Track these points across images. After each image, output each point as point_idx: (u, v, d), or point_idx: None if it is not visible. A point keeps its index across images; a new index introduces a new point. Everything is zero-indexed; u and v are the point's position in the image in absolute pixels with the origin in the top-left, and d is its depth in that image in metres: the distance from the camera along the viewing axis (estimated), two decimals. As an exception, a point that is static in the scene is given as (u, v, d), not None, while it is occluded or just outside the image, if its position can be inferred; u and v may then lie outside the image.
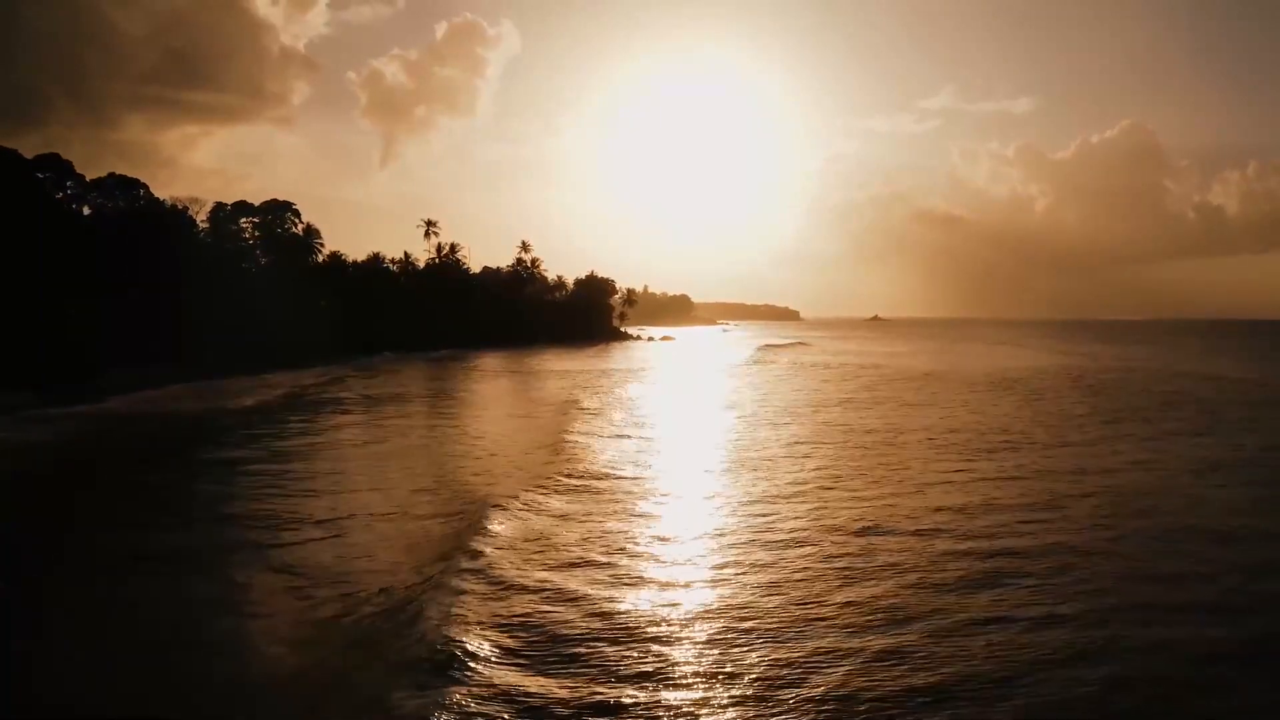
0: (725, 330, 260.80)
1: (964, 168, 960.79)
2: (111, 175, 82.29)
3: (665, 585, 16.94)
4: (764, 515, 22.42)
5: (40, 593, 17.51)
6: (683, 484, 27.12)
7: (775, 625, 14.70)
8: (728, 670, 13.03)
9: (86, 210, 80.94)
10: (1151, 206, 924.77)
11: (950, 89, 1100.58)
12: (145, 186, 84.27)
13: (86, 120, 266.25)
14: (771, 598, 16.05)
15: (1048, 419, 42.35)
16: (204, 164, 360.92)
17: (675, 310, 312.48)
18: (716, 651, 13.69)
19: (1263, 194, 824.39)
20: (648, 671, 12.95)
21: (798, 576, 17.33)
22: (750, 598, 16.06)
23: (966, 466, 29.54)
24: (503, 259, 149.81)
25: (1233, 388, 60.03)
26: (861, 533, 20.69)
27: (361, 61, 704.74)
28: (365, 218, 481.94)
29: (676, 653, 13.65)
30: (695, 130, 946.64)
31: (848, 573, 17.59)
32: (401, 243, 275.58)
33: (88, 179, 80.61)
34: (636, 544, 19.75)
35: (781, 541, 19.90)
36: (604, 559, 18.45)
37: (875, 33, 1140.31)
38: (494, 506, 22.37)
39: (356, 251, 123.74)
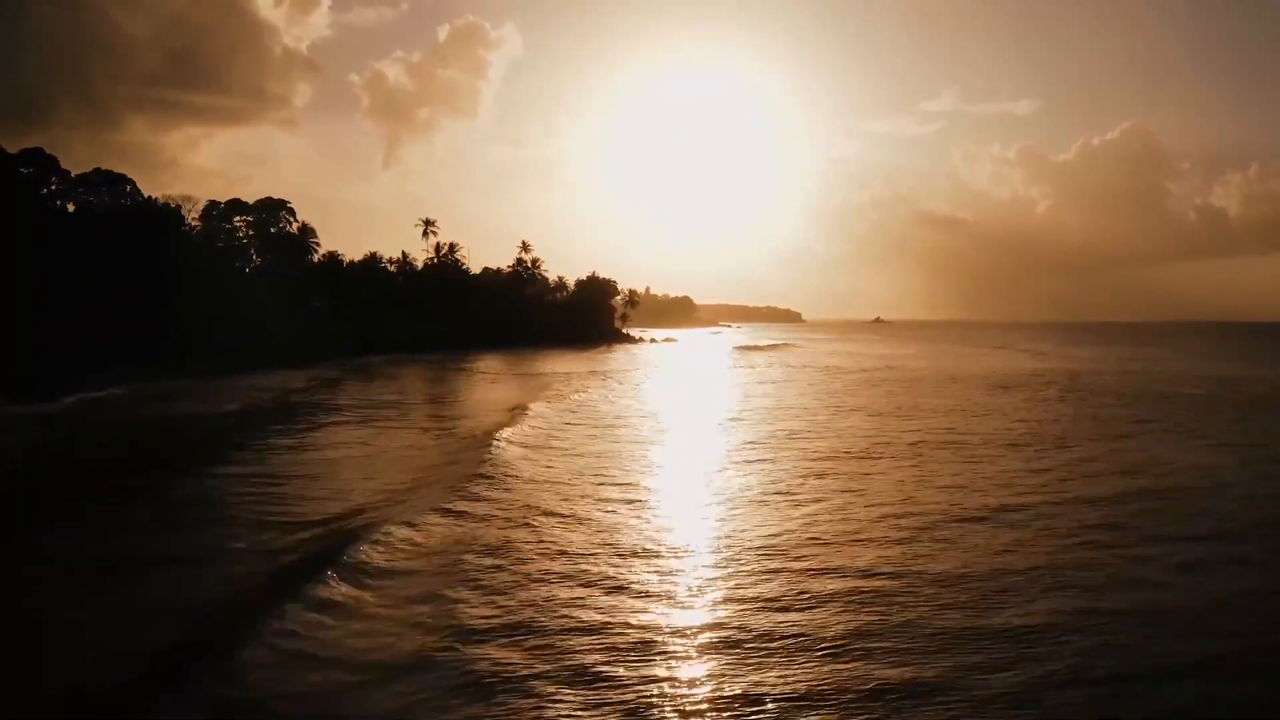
0: (715, 333, 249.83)
1: (965, 170, 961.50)
2: (97, 170, 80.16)
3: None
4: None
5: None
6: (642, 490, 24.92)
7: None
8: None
9: (72, 207, 78.69)
10: (1153, 208, 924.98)
11: (952, 91, 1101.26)
12: (132, 182, 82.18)
13: (89, 122, 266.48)
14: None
15: (1083, 426, 39.89)
16: (206, 165, 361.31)
17: (677, 312, 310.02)
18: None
19: (1264, 196, 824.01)
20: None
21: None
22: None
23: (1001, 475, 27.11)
24: (505, 261, 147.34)
25: (1258, 390, 57.99)
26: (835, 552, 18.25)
27: (364, 63, 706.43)
28: (367, 219, 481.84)
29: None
30: (697, 132, 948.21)
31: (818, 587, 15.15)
32: (404, 244, 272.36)
33: (73, 174, 78.30)
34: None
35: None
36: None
37: (877, 34, 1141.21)
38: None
39: (358, 253, 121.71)
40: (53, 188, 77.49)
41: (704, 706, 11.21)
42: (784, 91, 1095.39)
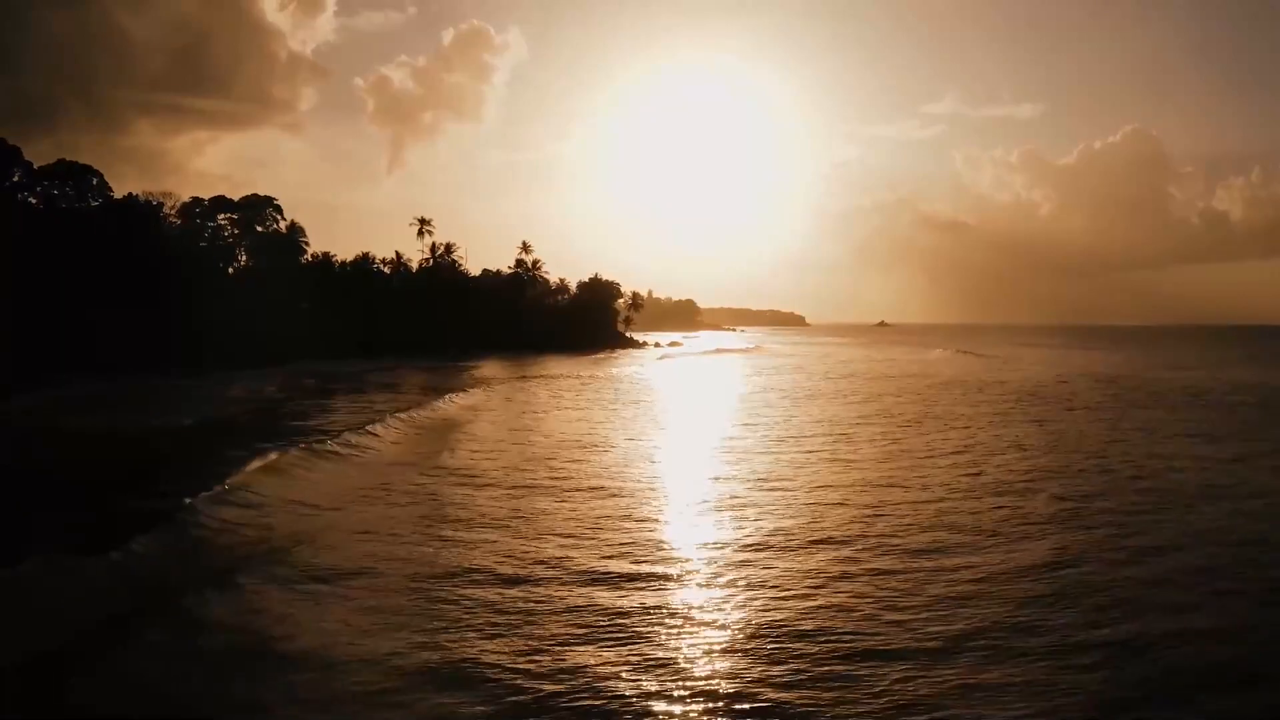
0: (692, 337, 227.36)
1: (968, 173, 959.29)
2: (61, 162, 74.10)
3: None
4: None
5: None
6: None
7: None
8: None
9: (35, 200, 72.69)
10: (1156, 212, 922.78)
11: (954, 94, 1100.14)
12: (99, 175, 76.28)
13: (96, 125, 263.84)
14: None
15: (1138, 438, 34.43)
16: (211, 169, 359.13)
17: (681, 315, 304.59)
18: None
19: (1267, 199, 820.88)
20: None
21: None
22: None
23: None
24: (508, 264, 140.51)
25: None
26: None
27: (369, 68, 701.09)
28: (371, 223, 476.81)
29: None
30: (701, 136, 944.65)
31: None
32: (407, 248, 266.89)
33: (35, 166, 72.30)
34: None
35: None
36: None
37: (878, 38, 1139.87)
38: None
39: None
40: (15, 180, 71.38)
41: None
42: (786, 95, 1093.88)
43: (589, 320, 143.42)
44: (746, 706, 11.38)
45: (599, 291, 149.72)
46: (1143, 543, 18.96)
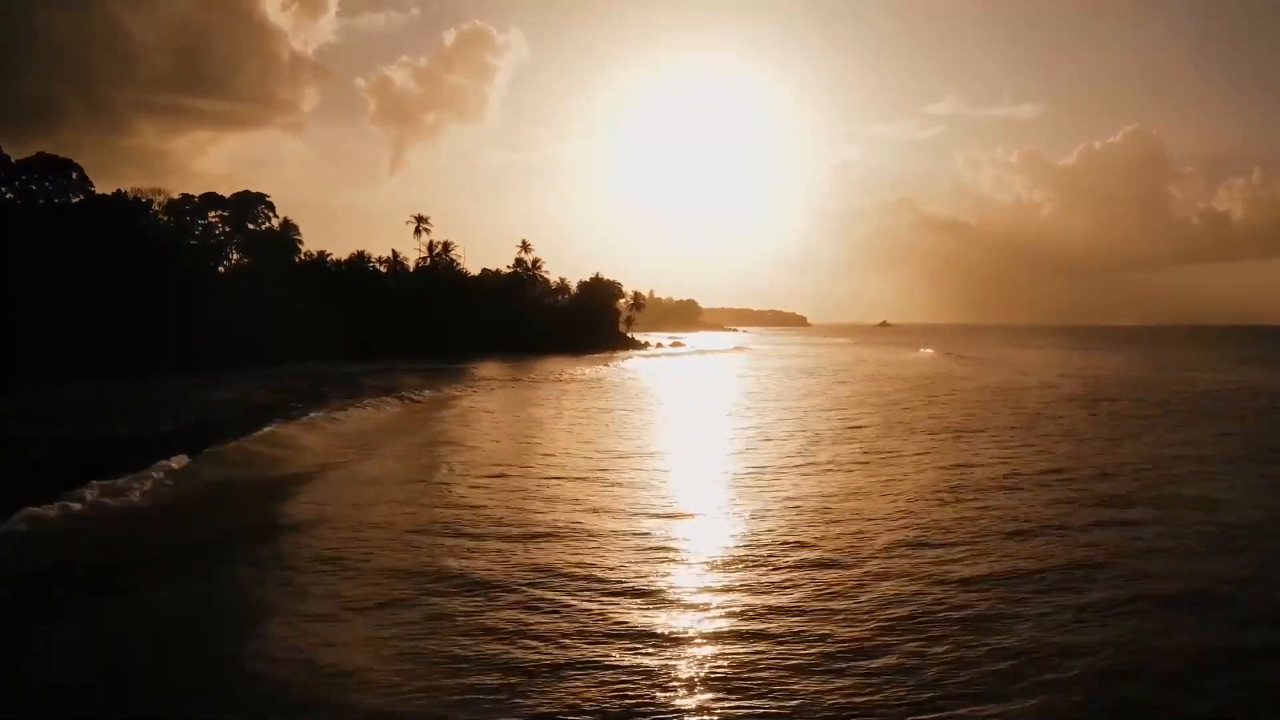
0: (690, 337, 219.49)
1: (968, 174, 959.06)
2: (40, 155, 70.95)
3: None
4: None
5: None
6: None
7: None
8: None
9: (10, 195, 69.56)
10: (1156, 212, 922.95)
11: (954, 95, 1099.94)
12: (79, 169, 73.18)
13: (98, 126, 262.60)
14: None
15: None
16: (213, 169, 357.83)
17: (683, 315, 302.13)
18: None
19: (1267, 200, 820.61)
20: None
21: None
22: None
23: None
24: (509, 265, 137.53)
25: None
26: None
27: (371, 68, 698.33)
28: (372, 224, 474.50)
29: None
30: (702, 137, 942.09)
31: None
32: (407, 249, 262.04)
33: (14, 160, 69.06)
34: None
35: None
36: None
37: (879, 38, 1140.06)
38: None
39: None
40: (-8, 175, 68.35)
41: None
42: (786, 95, 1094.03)
43: (590, 320, 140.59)
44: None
45: (600, 291, 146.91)
46: (1186, 553, 17.99)
